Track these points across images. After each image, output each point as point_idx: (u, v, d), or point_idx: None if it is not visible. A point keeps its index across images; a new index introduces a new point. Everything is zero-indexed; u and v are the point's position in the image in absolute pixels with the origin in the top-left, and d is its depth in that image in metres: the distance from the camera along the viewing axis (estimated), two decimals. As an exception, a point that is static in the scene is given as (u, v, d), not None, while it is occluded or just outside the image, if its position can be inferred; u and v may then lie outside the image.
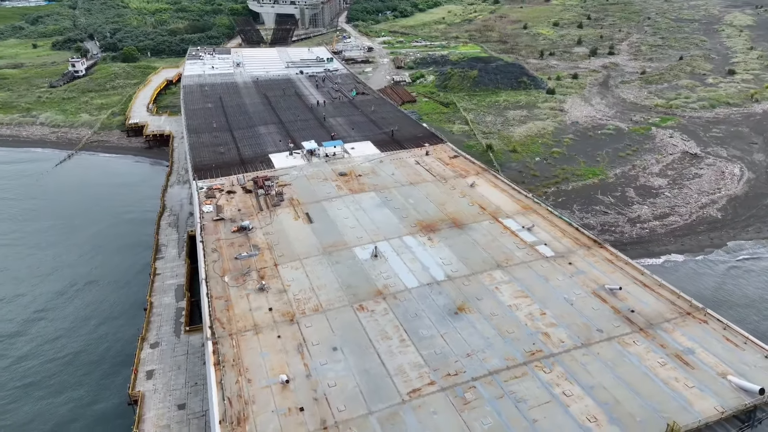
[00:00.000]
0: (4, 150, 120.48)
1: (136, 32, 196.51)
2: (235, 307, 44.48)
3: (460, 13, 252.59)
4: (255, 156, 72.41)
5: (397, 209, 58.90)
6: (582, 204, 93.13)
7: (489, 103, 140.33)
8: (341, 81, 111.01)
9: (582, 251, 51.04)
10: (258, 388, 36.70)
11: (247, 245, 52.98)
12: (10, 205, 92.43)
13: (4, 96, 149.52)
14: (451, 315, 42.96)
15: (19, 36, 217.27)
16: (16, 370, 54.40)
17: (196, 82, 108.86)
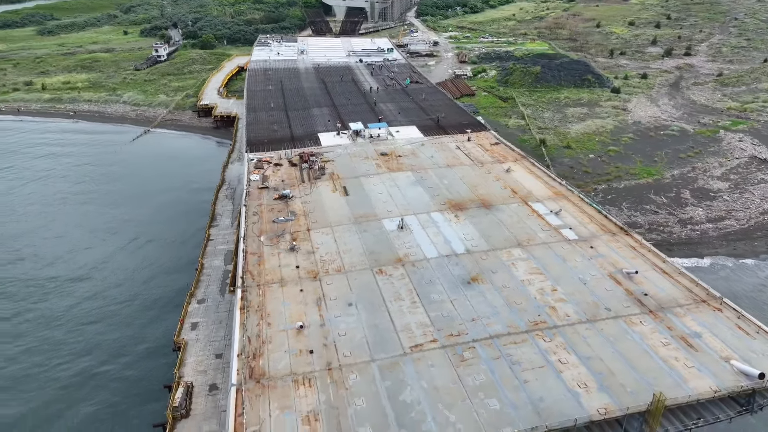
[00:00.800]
0: (90, 124, 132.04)
1: (215, 21, 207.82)
2: (266, 263, 48.48)
3: (532, 11, 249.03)
4: (305, 134, 76.69)
5: (430, 188, 61.18)
6: (632, 202, 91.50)
7: (549, 100, 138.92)
8: (398, 70, 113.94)
9: (606, 237, 51.43)
10: (276, 331, 40.37)
11: (285, 211, 57.03)
12: (92, 171, 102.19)
13: (95, 77, 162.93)
14: (464, 284, 44.96)
15: (112, 23, 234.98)
16: (81, 308, 61.33)
17: (261, 67, 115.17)
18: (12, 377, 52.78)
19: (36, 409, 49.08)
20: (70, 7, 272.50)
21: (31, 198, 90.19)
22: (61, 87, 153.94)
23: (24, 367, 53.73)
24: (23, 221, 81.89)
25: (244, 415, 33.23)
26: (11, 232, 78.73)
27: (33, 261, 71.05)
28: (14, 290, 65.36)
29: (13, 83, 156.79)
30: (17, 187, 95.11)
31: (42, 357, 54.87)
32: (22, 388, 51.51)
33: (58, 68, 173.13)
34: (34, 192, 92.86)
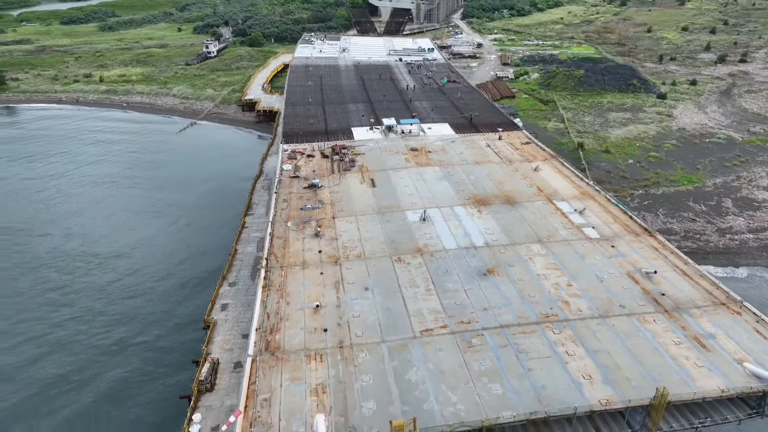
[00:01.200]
0: (141, 114, 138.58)
1: (264, 20, 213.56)
2: (291, 247, 50.59)
3: (581, 14, 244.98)
4: (339, 128, 78.81)
5: (456, 183, 62.08)
6: (669, 209, 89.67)
7: (591, 104, 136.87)
8: (436, 69, 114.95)
9: (629, 237, 51.18)
10: (294, 309, 42.31)
11: (313, 199, 59.11)
12: (140, 158, 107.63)
13: (149, 70, 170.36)
14: (480, 275, 45.78)
15: (168, 21, 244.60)
16: (121, 283, 65.35)
17: (303, 63, 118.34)
18: (57, 342, 56.86)
19: (76, 371, 52.89)
20: (130, 5, 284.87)
21: (83, 180, 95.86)
22: (117, 80, 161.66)
23: (69, 333, 57.76)
24: (74, 202, 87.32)
25: (256, 383, 35.18)
26: (64, 211, 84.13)
27: (81, 239, 75.83)
28: (63, 264, 70.04)
29: (74, 75, 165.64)
30: (71, 170, 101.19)
31: (85, 325, 58.83)
32: (65, 352, 55.48)
33: (116, 62, 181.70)
34: (87, 175, 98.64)
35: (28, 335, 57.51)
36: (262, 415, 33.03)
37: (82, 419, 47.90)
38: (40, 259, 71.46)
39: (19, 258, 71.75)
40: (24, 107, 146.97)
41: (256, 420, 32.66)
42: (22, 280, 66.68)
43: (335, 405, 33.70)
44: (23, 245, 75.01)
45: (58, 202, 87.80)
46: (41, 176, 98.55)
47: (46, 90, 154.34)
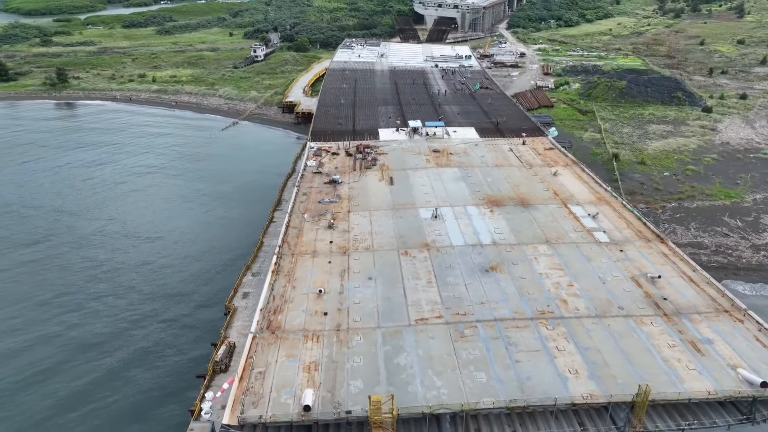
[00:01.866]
0: (188, 113, 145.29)
1: (312, 26, 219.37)
2: (304, 236, 52.86)
3: (631, 26, 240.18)
4: (366, 128, 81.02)
5: (473, 184, 63.03)
6: (701, 223, 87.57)
7: (631, 116, 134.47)
8: (471, 76, 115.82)
9: (639, 242, 50.94)
10: (299, 293, 44.40)
11: (332, 194, 61.33)
12: (184, 152, 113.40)
13: (198, 72, 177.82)
14: (482, 272, 46.68)
15: (221, 26, 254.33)
16: (154, 264, 70.07)
17: (341, 67, 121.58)
18: (94, 312, 61.71)
19: (108, 338, 57.59)
20: (187, 11, 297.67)
21: (132, 170, 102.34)
22: (168, 80, 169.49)
23: (104, 305, 62.57)
24: (120, 189, 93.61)
25: (254, 358, 37.31)
26: (110, 196, 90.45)
27: (123, 222, 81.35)
28: (107, 242, 75.82)
29: (130, 75, 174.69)
30: (120, 160, 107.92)
31: (120, 300, 63.37)
32: (100, 323, 59.98)
33: (169, 63, 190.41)
34: (134, 165, 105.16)
35: (70, 306, 62.68)
36: (255, 386, 35.07)
37: (106, 380, 51.86)
38: (86, 238, 77.42)
39: (69, 236, 77.89)
40: (82, 103, 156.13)
41: (249, 390, 34.73)
42: (68, 256, 72.62)
43: (324, 381, 35.41)
44: (72, 226, 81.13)
45: (105, 189, 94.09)
46: (92, 164, 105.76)
47: (102, 88, 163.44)
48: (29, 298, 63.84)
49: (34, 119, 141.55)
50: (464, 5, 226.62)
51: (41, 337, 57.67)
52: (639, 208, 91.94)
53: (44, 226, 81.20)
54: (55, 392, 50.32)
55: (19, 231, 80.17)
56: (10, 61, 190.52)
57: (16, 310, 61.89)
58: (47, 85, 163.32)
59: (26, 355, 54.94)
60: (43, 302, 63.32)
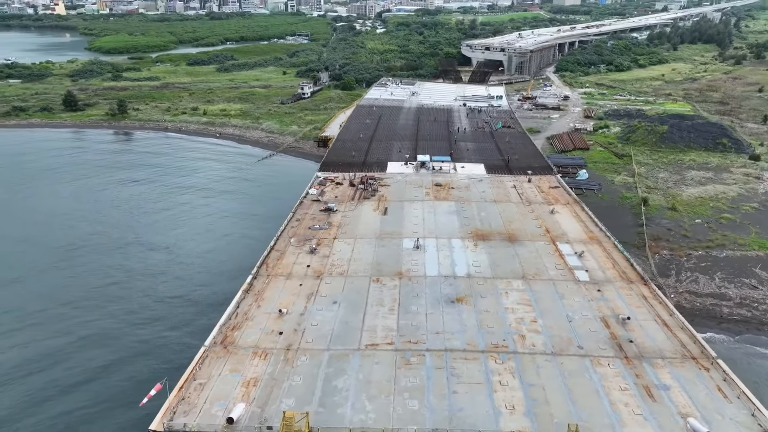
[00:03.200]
0: (231, 143, 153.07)
1: (360, 66, 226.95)
2: (284, 259, 54.21)
3: (686, 72, 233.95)
4: (376, 161, 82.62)
5: (465, 218, 62.83)
6: (728, 273, 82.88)
7: (671, 161, 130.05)
8: (496, 115, 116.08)
9: (620, 283, 49.03)
10: (261, 312, 45.44)
11: (324, 221, 62.72)
12: (226, 176, 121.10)
13: (247, 107, 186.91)
14: (447, 303, 46.25)
15: (276, 65, 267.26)
16: (189, 262, 76.24)
17: (370, 104, 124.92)
18: (127, 310, 66.67)
19: (139, 312, 64.17)
20: (249, 51, 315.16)
21: (170, 189, 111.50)
22: (218, 113, 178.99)
23: (135, 306, 67.62)
24: (155, 205, 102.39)
25: (198, 369, 38.37)
26: (150, 211, 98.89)
27: (152, 234, 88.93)
28: (145, 253, 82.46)
29: (183, 108, 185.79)
30: (162, 180, 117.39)
31: (146, 297, 69.25)
32: (135, 314, 65.67)
33: (222, 98, 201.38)
34: (173, 185, 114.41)
35: (111, 298, 69.32)
36: (191, 396, 35.99)
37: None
38: (126, 245, 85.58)
39: (113, 243, 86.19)
40: (137, 132, 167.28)
41: (185, 399, 35.67)
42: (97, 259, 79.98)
43: (258, 397, 35.90)
44: (113, 237, 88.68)
45: (150, 204, 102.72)
46: (135, 182, 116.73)
47: (157, 119, 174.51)
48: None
49: (95, 143, 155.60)
50: (511, 49, 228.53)
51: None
52: (662, 255, 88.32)
53: (87, 231, 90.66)
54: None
55: (64, 237, 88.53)
56: (82, 93, 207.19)
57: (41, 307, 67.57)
58: (108, 115, 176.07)
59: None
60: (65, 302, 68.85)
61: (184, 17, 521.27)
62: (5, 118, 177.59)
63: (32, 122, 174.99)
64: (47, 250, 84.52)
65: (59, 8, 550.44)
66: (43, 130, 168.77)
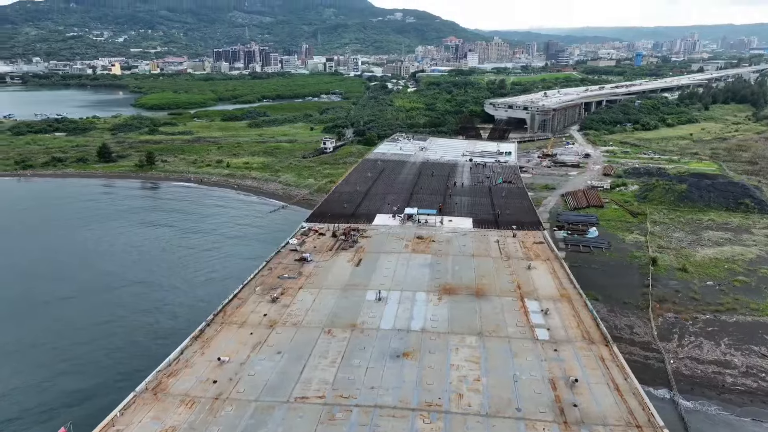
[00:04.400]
0: (246, 195, 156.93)
1: (384, 123, 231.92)
2: (243, 308, 53.95)
3: (716, 132, 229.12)
4: (365, 213, 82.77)
5: (437, 271, 61.58)
6: (736, 340, 78.06)
7: (688, 220, 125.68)
8: (501, 170, 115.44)
9: (580, 344, 46.47)
10: (203, 360, 44.93)
11: (295, 271, 62.53)
12: (238, 223, 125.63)
13: (269, 160, 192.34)
14: (393, 357, 44.70)
15: (306, 121, 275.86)
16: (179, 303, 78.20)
17: (377, 158, 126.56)
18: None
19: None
20: (282, 108, 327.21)
21: (178, 234, 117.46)
22: (241, 166, 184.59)
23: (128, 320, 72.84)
24: (161, 245, 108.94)
25: (119, 415, 37.83)
26: (163, 254, 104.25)
27: (156, 271, 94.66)
28: (137, 290, 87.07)
29: (209, 161, 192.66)
30: (177, 222, 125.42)
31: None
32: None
33: (247, 152, 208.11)
34: (184, 230, 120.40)
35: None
36: (104, 442, 35.36)
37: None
38: (138, 282, 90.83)
39: (129, 278, 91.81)
40: (162, 183, 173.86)
41: (95, 445, 35.06)
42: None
43: (170, 447, 34.95)
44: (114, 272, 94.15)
45: (164, 249, 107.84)
46: (148, 224, 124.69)
47: (182, 171, 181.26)
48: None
49: (119, 191, 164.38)
50: (534, 107, 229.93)
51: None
52: (666, 317, 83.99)
53: (104, 270, 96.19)
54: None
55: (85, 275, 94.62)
56: (118, 146, 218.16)
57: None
58: (137, 166, 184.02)
59: None
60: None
61: (228, 76, 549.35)
62: (44, 167, 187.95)
63: (67, 172, 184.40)
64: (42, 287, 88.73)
65: (115, 69, 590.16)
66: (76, 179, 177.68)
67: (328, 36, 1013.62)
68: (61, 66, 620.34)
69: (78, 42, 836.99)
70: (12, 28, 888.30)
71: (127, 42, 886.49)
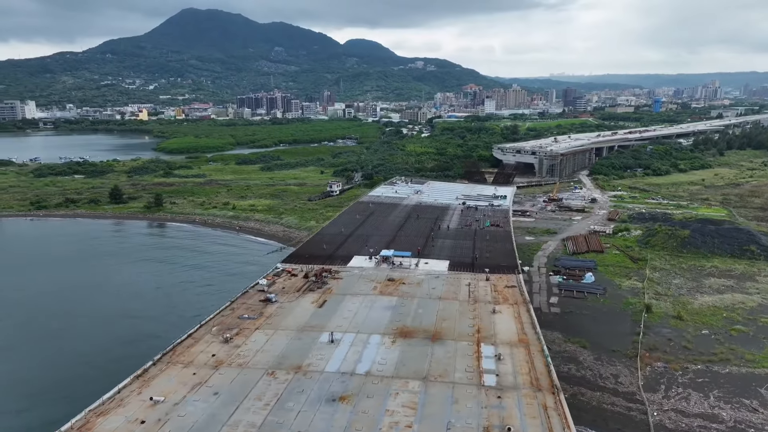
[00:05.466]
0: (247, 236, 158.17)
1: (392, 167, 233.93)
2: (194, 347, 53.44)
3: (730, 177, 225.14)
4: (343, 255, 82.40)
5: (399, 314, 60.43)
6: (727, 392, 74.57)
7: (690, 267, 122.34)
8: (491, 214, 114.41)
9: (526, 391, 44.56)
10: (139, 399, 44.28)
11: (257, 311, 62.06)
12: (232, 262, 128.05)
13: (275, 203, 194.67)
14: (328, 401, 43.44)
15: (317, 165, 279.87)
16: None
17: (371, 201, 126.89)
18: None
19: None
20: (297, 152, 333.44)
21: (171, 273, 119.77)
22: (246, 208, 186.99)
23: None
24: (158, 283, 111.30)
25: (36, 453, 37.21)
26: (155, 293, 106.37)
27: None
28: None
29: (216, 203, 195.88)
30: (174, 261, 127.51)
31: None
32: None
33: (255, 194, 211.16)
34: (179, 269, 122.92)
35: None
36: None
37: None
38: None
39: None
40: (168, 224, 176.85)
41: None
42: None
43: (77, 489, 34.06)
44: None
45: (157, 288, 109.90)
46: (151, 262, 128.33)
47: (188, 212, 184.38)
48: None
49: (131, 228, 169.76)
50: (542, 152, 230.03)
51: None
52: (655, 367, 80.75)
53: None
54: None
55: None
56: (132, 188, 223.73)
57: None
58: (146, 207, 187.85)
59: None
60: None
61: (250, 122, 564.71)
62: (56, 208, 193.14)
63: (77, 212, 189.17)
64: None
65: (142, 115, 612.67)
66: (85, 220, 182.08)
67: (350, 83, 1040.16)
68: (91, 112, 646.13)
69: (111, 90, 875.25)
70: (51, 77, 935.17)
71: (156, 89, 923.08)
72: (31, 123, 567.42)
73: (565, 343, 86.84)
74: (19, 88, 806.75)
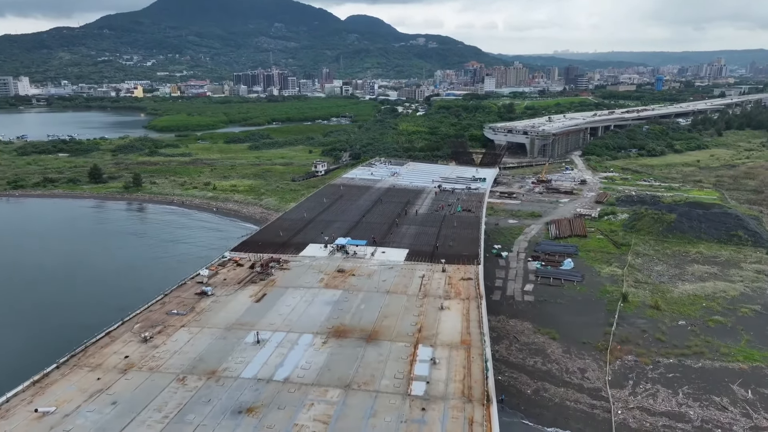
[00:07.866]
0: (223, 218, 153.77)
1: (380, 147, 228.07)
2: (109, 347, 49.31)
3: (726, 158, 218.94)
4: (297, 243, 77.84)
5: (339, 310, 56.15)
6: (697, 389, 70.57)
7: (674, 252, 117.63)
8: (466, 198, 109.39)
9: (454, 402, 40.32)
10: (26, 409, 40.20)
11: (188, 306, 57.79)
12: (203, 245, 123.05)
13: (257, 183, 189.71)
14: (234, 413, 39.36)
15: (306, 144, 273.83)
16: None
17: (344, 183, 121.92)
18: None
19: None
20: (288, 130, 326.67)
21: (140, 249, 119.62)
22: (227, 189, 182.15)
23: None
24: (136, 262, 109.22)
25: None
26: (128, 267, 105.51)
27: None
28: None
29: (197, 183, 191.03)
30: (143, 243, 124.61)
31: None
32: None
33: (239, 174, 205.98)
34: (147, 249, 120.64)
35: None
36: None
37: None
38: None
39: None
40: (147, 205, 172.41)
41: None
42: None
43: None
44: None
45: (128, 269, 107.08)
46: (125, 245, 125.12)
47: (167, 193, 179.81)
48: None
49: (111, 211, 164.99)
50: (533, 132, 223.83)
51: None
52: (625, 360, 76.83)
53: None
54: None
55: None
56: (114, 167, 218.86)
57: None
58: (124, 188, 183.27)
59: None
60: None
61: (246, 99, 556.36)
62: (33, 188, 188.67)
63: (55, 192, 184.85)
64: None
65: (137, 92, 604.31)
66: (62, 199, 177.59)
67: (351, 60, 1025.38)
68: (86, 89, 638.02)
69: (107, 66, 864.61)
70: (47, 52, 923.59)
71: (154, 66, 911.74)
72: (23, 99, 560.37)
73: (534, 335, 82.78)
74: (15, 63, 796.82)
